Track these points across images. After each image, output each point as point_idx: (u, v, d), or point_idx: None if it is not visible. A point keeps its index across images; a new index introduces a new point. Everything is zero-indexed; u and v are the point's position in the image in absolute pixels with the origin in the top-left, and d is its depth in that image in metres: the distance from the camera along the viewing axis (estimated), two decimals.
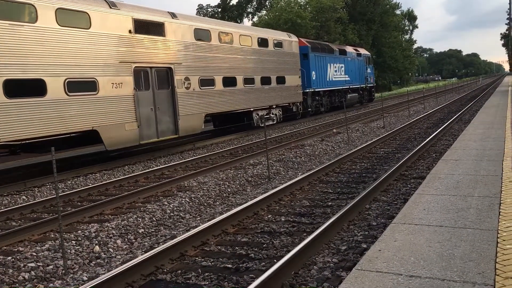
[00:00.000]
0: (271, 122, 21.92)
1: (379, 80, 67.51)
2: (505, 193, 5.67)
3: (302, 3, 50.22)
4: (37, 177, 11.55)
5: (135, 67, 13.71)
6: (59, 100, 11.44)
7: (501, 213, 4.88)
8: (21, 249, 6.40)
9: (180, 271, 5.14)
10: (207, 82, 16.81)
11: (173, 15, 15.64)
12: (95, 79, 12.38)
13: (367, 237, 5.78)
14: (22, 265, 5.68)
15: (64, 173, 11.86)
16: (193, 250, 5.75)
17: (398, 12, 79.62)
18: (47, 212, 8.59)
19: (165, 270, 5.18)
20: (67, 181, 11.46)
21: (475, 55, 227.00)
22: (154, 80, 14.52)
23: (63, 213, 7.52)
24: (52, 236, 6.98)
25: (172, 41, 15.29)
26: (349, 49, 33.50)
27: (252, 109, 20.05)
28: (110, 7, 13.12)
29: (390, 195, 7.88)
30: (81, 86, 12.00)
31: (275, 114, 22.42)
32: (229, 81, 18.13)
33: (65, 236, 6.63)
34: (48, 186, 10.98)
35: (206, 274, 5.00)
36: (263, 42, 21.05)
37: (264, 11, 56.18)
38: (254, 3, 59.92)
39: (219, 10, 57.20)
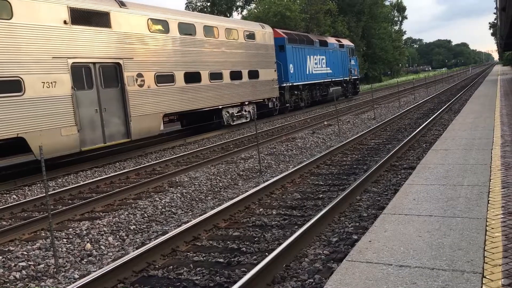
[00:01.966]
0: (243, 120, 20.32)
1: (370, 72, 67.70)
2: (494, 181, 5.72)
3: None
4: (27, 175, 11.46)
5: (73, 63, 12.07)
6: None
7: (490, 201, 4.93)
8: (11, 248, 6.36)
9: (172, 266, 5.14)
10: (165, 79, 15.26)
11: (121, 4, 13.95)
12: (20, 78, 10.72)
13: (358, 228, 5.81)
14: (13, 264, 5.65)
15: (54, 171, 11.80)
16: (184, 245, 5.75)
17: (387, 3, 79.88)
18: (38, 210, 8.54)
19: (157, 266, 5.18)
20: (57, 179, 11.39)
21: (464, 45, 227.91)
22: (99, 78, 12.87)
23: (54, 212, 7.48)
24: (43, 234, 6.94)
25: (121, 33, 13.61)
26: (331, 40, 32.24)
27: (221, 107, 18.47)
28: None
29: (381, 186, 7.92)
30: (1, 86, 10.42)
31: (248, 111, 20.66)
32: (192, 77, 16.57)
33: (56, 234, 6.61)
34: (39, 185, 10.91)
35: (198, 269, 5.00)
36: (232, 34, 19.26)
37: (253, 4, 55.95)
38: None
39: (208, 4, 56.87)
